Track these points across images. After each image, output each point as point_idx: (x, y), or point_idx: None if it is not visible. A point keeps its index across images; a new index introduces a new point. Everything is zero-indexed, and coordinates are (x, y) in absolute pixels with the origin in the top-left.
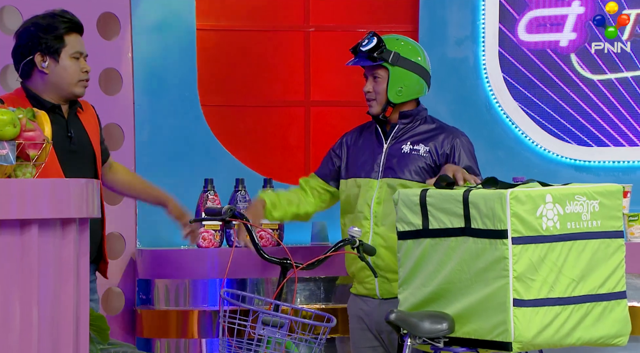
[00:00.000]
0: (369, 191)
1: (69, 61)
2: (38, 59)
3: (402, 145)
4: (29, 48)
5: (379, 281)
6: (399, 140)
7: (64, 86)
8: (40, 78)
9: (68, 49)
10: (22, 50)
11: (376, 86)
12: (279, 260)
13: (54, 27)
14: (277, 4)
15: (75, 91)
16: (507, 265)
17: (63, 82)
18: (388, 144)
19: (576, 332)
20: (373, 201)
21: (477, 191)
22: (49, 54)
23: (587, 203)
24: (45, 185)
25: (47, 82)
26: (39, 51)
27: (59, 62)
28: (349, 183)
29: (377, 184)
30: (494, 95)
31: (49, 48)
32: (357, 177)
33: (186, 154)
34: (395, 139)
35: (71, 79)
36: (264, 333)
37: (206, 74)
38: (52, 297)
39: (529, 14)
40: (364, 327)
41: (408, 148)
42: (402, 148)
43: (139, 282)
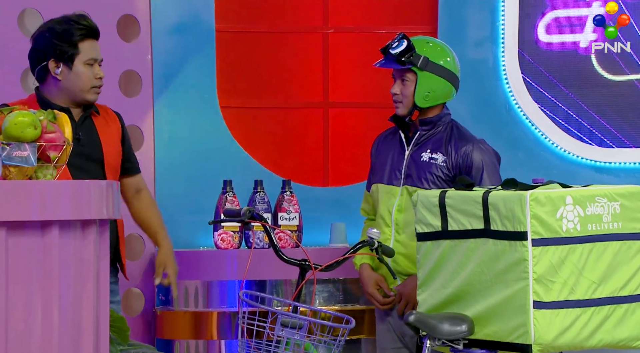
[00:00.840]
0: (391, 199)
1: (83, 68)
2: (52, 65)
3: (422, 152)
4: (43, 53)
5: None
6: (420, 147)
7: (76, 92)
8: (53, 83)
9: (82, 56)
10: (36, 55)
11: (404, 89)
12: (298, 262)
13: (69, 34)
14: (296, 5)
15: (87, 97)
16: (527, 266)
17: (76, 88)
18: (410, 151)
19: (597, 334)
20: (394, 208)
21: (496, 193)
22: (63, 61)
23: (608, 205)
24: (66, 187)
25: (60, 88)
26: (52, 58)
27: (72, 69)
28: (374, 188)
29: (399, 191)
30: (514, 96)
31: (62, 55)
32: (381, 183)
33: (205, 155)
34: (417, 145)
35: (84, 85)
36: (282, 334)
37: (225, 75)
38: (72, 298)
39: (549, 14)
40: (389, 328)
41: (427, 156)
42: (422, 155)
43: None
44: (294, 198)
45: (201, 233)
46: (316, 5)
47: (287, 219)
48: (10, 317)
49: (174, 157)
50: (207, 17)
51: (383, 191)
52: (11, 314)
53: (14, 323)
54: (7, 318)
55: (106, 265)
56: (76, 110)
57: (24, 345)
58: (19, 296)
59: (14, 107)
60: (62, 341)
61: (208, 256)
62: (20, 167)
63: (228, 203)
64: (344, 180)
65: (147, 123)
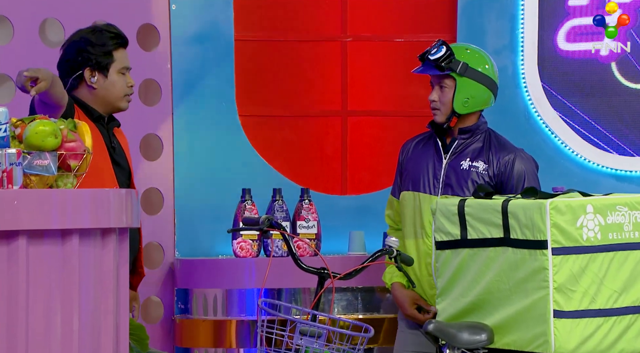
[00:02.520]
0: (424, 206)
1: (117, 76)
2: (87, 74)
3: (462, 161)
4: (78, 63)
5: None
6: (459, 155)
7: (111, 100)
8: (88, 92)
9: (116, 65)
10: (71, 64)
11: (442, 96)
12: (317, 270)
13: (103, 43)
14: (314, 14)
15: (121, 105)
16: (547, 275)
17: (111, 96)
18: (448, 159)
19: (619, 343)
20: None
21: (516, 201)
22: (99, 69)
23: (629, 214)
24: (86, 195)
25: (95, 96)
26: (88, 66)
27: (108, 77)
28: (407, 196)
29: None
30: (533, 104)
31: (98, 64)
32: (417, 191)
33: (224, 164)
34: (455, 154)
35: (118, 93)
36: (301, 343)
37: (244, 84)
38: (92, 306)
39: (569, 22)
40: (418, 333)
41: (467, 164)
42: (462, 164)
43: (177, 292)
44: (312, 207)
45: (220, 242)
46: (334, 14)
47: (306, 227)
48: (31, 325)
49: (193, 165)
50: (226, 26)
51: (421, 199)
52: (31, 322)
53: (34, 331)
54: (27, 326)
55: (126, 273)
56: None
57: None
58: (39, 305)
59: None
60: (82, 349)
61: (227, 264)
62: (40, 176)
63: (247, 211)
64: (363, 189)
65: (167, 132)
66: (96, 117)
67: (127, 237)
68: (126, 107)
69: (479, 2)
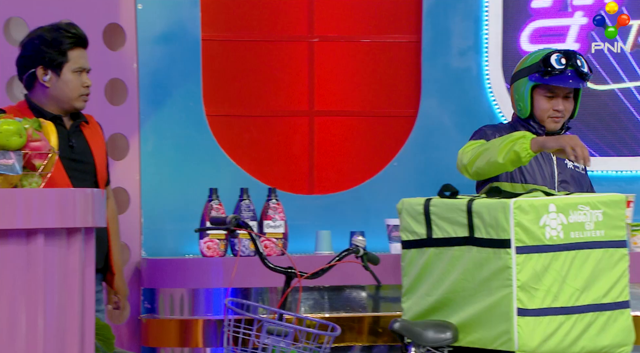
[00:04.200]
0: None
1: (71, 76)
2: (40, 72)
3: (565, 161)
4: (32, 60)
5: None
6: (560, 156)
7: (64, 100)
8: (41, 91)
9: (70, 65)
10: (25, 61)
11: (568, 104)
12: (284, 269)
13: (59, 42)
14: (281, 15)
15: (75, 105)
16: (511, 274)
17: (64, 96)
18: (555, 158)
19: (580, 341)
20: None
21: (480, 201)
22: (51, 68)
23: (591, 213)
24: (51, 195)
25: (48, 95)
26: (41, 65)
27: (61, 76)
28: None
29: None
30: (497, 105)
31: (51, 62)
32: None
33: (191, 163)
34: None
35: (72, 93)
36: (268, 342)
37: (211, 84)
38: (57, 306)
39: (532, 24)
40: None
41: (571, 164)
42: (566, 163)
43: (144, 291)
44: (279, 206)
45: (187, 241)
46: (301, 15)
47: (273, 227)
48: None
49: (160, 165)
50: (193, 26)
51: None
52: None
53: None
54: None
55: (92, 273)
56: (66, 118)
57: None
58: (3, 305)
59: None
60: (47, 349)
61: (194, 264)
62: (5, 175)
63: (214, 211)
64: (330, 188)
65: (133, 131)
66: (50, 119)
67: (93, 237)
68: (82, 107)
69: (443, 3)
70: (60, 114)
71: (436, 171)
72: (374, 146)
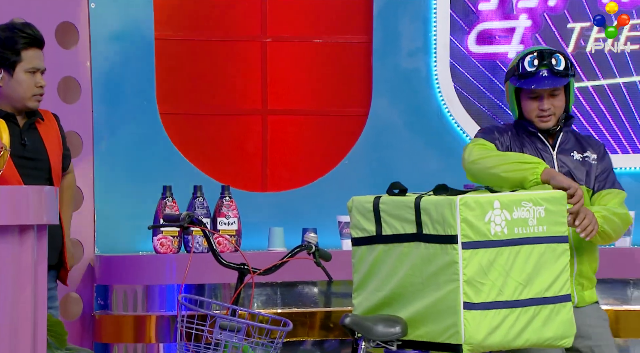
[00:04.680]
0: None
1: (24, 76)
2: None
3: (571, 153)
4: None
5: (577, 288)
6: (565, 149)
7: (17, 99)
8: None
9: (24, 64)
10: None
11: (556, 102)
12: (237, 266)
13: (13, 41)
14: (234, 15)
15: (28, 105)
16: (457, 269)
17: (16, 95)
18: (556, 152)
19: (524, 333)
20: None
21: (428, 198)
22: (4, 67)
23: (533, 209)
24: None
25: (1, 94)
26: None
27: (14, 76)
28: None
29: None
30: (446, 104)
31: (4, 62)
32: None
33: (145, 161)
34: (560, 146)
35: (25, 93)
36: (221, 337)
37: (164, 83)
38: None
39: (479, 26)
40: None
41: (579, 155)
42: (573, 155)
43: (97, 288)
44: (233, 203)
45: (141, 238)
46: (255, 15)
47: (226, 224)
48: None
49: (114, 163)
50: (146, 25)
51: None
52: None
53: None
54: None
55: (44, 270)
56: (20, 116)
57: None
58: None
59: None
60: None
61: (147, 260)
62: None
63: (167, 208)
64: (283, 186)
65: (86, 129)
66: (3, 117)
67: (45, 234)
68: (35, 107)
69: (394, 5)
70: (13, 112)
71: (387, 169)
72: (326, 145)
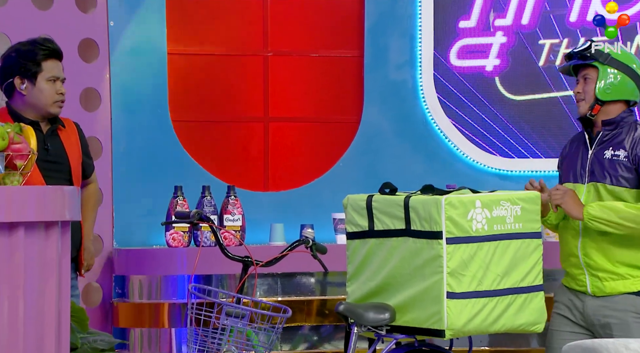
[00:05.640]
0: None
1: (45, 84)
2: (17, 81)
3: (605, 151)
4: (10, 71)
5: (590, 279)
6: (603, 146)
7: (40, 106)
8: (20, 98)
9: (44, 74)
10: (4, 72)
11: (586, 86)
12: (241, 258)
13: (33, 54)
14: (239, 32)
15: (50, 110)
16: (442, 262)
17: (39, 102)
18: (593, 150)
19: (501, 320)
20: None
21: (416, 197)
22: (27, 77)
23: (511, 208)
24: (31, 192)
25: (25, 102)
26: (18, 75)
27: (36, 85)
28: (568, 186)
29: (584, 188)
30: (430, 113)
31: (27, 72)
32: (568, 181)
33: (158, 164)
34: (600, 145)
35: (46, 100)
36: (227, 323)
37: (176, 93)
38: (36, 292)
39: (459, 42)
40: (566, 314)
41: (610, 153)
42: (605, 153)
43: (115, 278)
44: (237, 202)
45: (154, 233)
46: (257, 32)
47: (232, 220)
48: None
49: (130, 165)
50: (159, 40)
51: (576, 189)
52: None
53: None
54: None
55: (67, 262)
56: (44, 123)
57: None
58: None
59: None
60: (27, 331)
61: (160, 253)
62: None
63: (179, 206)
64: (283, 186)
65: (106, 135)
66: (29, 124)
67: (68, 229)
68: (57, 113)
69: (383, 23)
70: (38, 120)
71: (377, 170)
72: (322, 149)
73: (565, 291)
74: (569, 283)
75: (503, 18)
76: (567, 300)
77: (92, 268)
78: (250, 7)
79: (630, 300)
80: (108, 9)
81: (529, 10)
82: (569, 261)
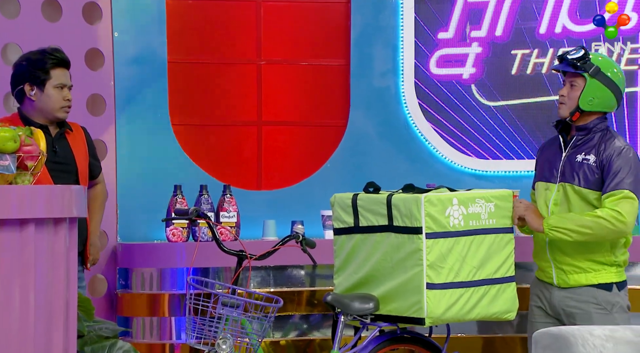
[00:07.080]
0: (548, 194)
1: (53, 91)
2: (27, 88)
3: (577, 154)
4: (21, 78)
5: (556, 272)
6: (576, 150)
7: (48, 111)
8: (30, 104)
9: (53, 81)
10: (15, 79)
11: (571, 92)
12: (236, 252)
13: (42, 62)
14: (234, 42)
15: (58, 115)
16: (422, 255)
17: (48, 108)
18: (567, 153)
19: (476, 309)
20: (551, 202)
21: (398, 195)
22: (36, 84)
23: (485, 205)
24: (41, 190)
25: (35, 108)
26: (28, 82)
27: (44, 91)
28: (539, 185)
29: (555, 187)
30: (411, 117)
31: (36, 80)
32: (541, 180)
33: (159, 164)
34: (573, 148)
35: (54, 105)
36: (223, 312)
37: (176, 98)
38: (46, 284)
39: (438, 52)
40: (539, 305)
41: (581, 157)
42: (577, 157)
43: (119, 270)
44: (233, 200)
45: (156, 229)
46: (251, 42)
47: (227, 217)
48: None
49: (133, 165)
50: (160, 50)
51: (542, 187)
52: None
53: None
54: None
55: (75, 255)
56: (52, 127)
57: (4, 324)
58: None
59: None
60: (37, 319)
61: (161, 248)
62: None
63: (178, 204)
64: (275, 185)
65: (110, 138)
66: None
67: (75, 225)
68: (64, 117)
69: (367, 34)
70: (47, 124)
71: (362, 171)
72: (311, 151)
73: (538, 284)
74: (540, 275)
75: (478, 30)
76: (538, 291)
77: (97, 262)
78: (244, 19)
79: (591, 292)
80: (113, 21)
81: (502, 23)
82: (539, 256)
